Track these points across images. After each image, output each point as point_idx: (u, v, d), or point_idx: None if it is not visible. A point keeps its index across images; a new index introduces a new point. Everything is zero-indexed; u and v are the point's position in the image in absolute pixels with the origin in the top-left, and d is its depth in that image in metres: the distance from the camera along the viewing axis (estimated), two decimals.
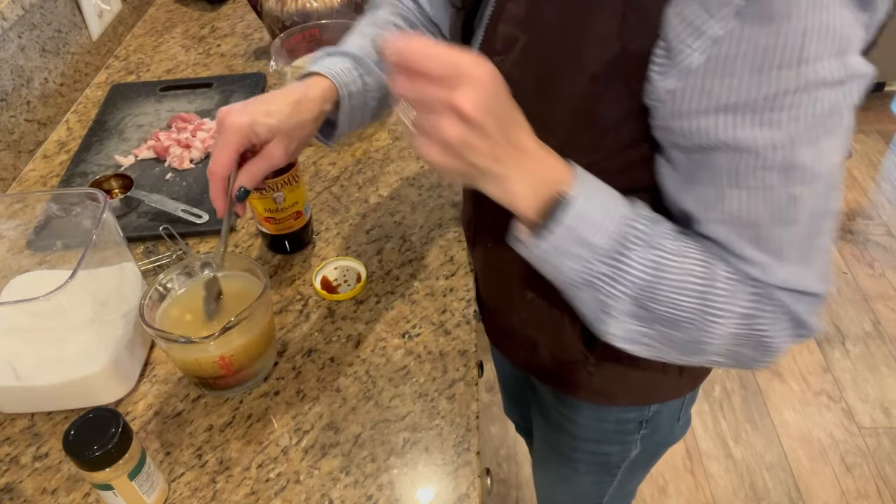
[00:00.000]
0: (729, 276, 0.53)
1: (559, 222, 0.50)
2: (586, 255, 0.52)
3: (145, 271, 0.88)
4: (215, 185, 0.66)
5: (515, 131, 0.50)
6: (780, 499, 1.70)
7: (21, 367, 0.71)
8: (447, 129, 0.46)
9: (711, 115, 0.49)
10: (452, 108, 0.45)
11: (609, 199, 0.53)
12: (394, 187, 1.01)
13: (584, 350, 0.75)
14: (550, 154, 0.52)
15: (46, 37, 1.16)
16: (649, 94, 0.52)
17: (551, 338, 0.77)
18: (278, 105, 0.66)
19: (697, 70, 0.48)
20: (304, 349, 0.80)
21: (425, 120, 0.47)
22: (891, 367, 1.98)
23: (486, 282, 0.85)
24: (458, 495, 0.67)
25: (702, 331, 0.54)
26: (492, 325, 0.91)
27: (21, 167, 1.09)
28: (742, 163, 0.49)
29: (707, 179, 0.52)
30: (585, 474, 0.97)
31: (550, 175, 0.51)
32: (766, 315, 0.53)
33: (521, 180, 0.50)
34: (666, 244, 0.52)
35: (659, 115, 0.52)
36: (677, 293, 0.52)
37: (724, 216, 0.52)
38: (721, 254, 0.54)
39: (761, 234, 0.52)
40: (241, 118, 0.64)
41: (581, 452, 0.93)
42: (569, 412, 0.89)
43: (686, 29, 0.47)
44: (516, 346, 0.86)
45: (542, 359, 0.82)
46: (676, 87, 0.49)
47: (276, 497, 0.67)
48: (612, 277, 0.52)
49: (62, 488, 0.68)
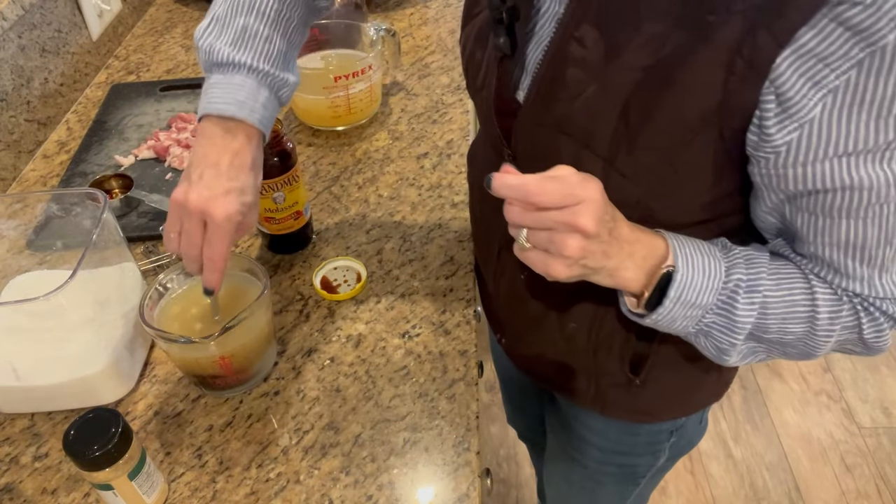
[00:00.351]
0: (831, 297, 0.56)
1: (668, 296, 0.55)
2: (697, 314, 0.57)
3: (145, 271, 0.88)
4: (216, 274, 0.66)
5: (618, 227, 0.54)
6: (780, 499, 1.70)
7: (21, 367, 0.71)
8: (571, 246, 0.50)
9: (829, 162, 0.49)
10: (575, 228, 0.50)
11: (706, 258, 0.56)
12: (394, 187, 1.01)
13: (628, 374, 0.74)
14: (645, 233, 0.56)
15: (46, 37, 1.16)
16: (760, 146, 0.51)
17: (592, 363, 0.75)
18: (244, 179, 0.64)
19: (814, 119, 0.48)
20: (304, 349, 0.80)
21: (546, 240, 0.52)
22: (891, 367, 1.98)
23: (514, 310, 0.80)
24: (458, 495, 0.67)
25: (811, 346, 0.58)
26: (514, 348, 0.86)
27: (21, 167, 1.09)
28: (857, 199, 0.50)
29: (817, 213, 0.53)
30: (610, 485, 0.95)
31: (652, 254, 0.56)
32: (870, 324, 0.56)
33: (629, 267, 0.55)
34: (766, 283, 0.56)
35: (771, 164, 0.52)
36: (785, 323, 0.57)
37: (833, 241, 0.54)
38: (821, 271, 0.56)
39: (868, 253, 0.53)
40: (229, 208, 0.63)
41: (609, 465, 0.91)
42: (599, 426, 0.86)
43: (802, 81, 0.47)
44: (547, 369, 0.81)
45: (579, 382, 0.79)
46: (793, 137, 0.49)
47: (276, 497, 0.67)
48: (723, 326, 0.57)
49: (62, 488, 0.68)
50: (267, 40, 0.67)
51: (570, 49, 0.55)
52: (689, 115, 0.51)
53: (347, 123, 1.11)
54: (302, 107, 1.11)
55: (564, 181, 0.50)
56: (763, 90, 0.48)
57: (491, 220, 0.76)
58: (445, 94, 1.20)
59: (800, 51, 0.46)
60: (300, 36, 0.74)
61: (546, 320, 0.74)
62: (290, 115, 1.16)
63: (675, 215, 0.59)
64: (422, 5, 1.46)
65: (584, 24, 0.54)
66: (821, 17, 0.44)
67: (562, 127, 0.58)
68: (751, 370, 1.98)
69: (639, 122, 0.53)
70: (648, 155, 0.55)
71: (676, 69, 0.50)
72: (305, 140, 1.11)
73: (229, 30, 0.67)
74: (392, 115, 1.16)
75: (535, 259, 0.53)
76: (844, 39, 0.44)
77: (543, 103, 0.58)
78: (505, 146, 0.65)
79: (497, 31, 0.60)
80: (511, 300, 0.79)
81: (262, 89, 0.67)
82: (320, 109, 1.08)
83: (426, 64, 1.28)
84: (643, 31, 0.51)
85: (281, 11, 0.69)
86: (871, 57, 0.44)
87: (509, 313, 0.82)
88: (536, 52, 0.60)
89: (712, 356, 0.61)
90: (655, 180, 0.56)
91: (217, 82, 0.66)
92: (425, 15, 1.43)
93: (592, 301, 0.69)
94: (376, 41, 1.11)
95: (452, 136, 1.10)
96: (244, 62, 0.66)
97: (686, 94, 0.51)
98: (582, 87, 0.55)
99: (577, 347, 0.74)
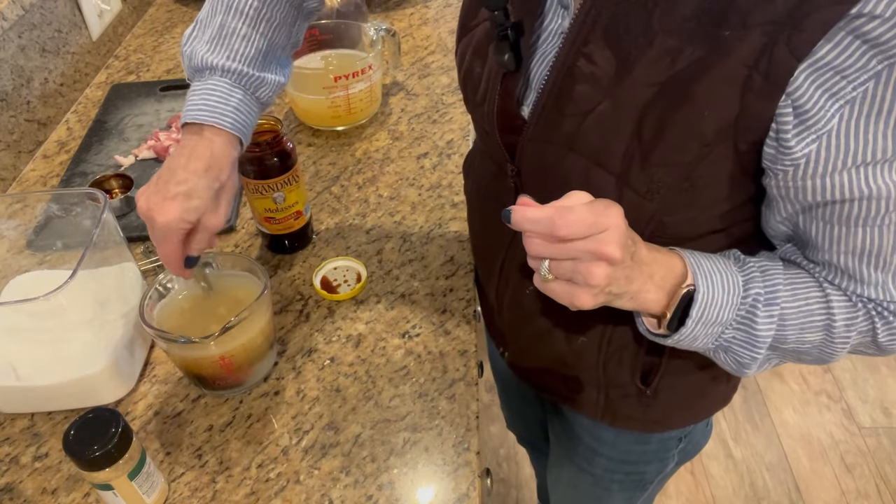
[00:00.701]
0: (846, 304, 0.56)
1: (691, 316, 0.55)
2: (717, 331, 0.57)
3: (145, 271, 0.88)
4: (174, 271, 0.68)
5: (638, 250, 0.53)
6: (780, 499, 1.70)
7: (21, 367, 0.71)
8: (597, 275, 0.50)
9: (847, 172, 0.49)
10: (601, 257, 0.49)
11: (723, 274, 0.56)
12: (394, 187, 1.01)
13: (639, 385, 0.73)
14: (662, 253, 0.56)
15: (46, 37, 1.16)
16: (778, 159, 0.50)
17: (602, 376, 0.74)
18: (194, 182, 0.63)
19: (831, 131, 0.48)
20: (304, 349, 0.80)
21: (571, 271, 0.51)
22: (891, 367, 1.97)
23: (519, 325, 0.78)
24: (458, 495, 0.67)
25: (828, 353, 0.58)
26: (519, 362, 0.85)
27: (21, 167, 1.09)
28: (874, 208, 0.50)
29: (833, 222, 0.53)
30: (618, 493, 0.94)
31: (671, 273, 0.56)
32: (884, 328, 0.56)
33: (651, 289, 0.55)
34: (783, 294, 0.56)
35: (790, 176, 0.51)
36: (803, 332, 0.57)
37: (849, 249, 0.54)
38: (835, 278, 0.56)
39: (883, 259, 0.53)
40: (168, 215, 0.62)
41: (618, 473, 0.90)
42: (608, 437, 0.85)
43: (820, 93, 0.46)
44: (554, 382, 0.80)
45: (588, 394, 0.78)
46: (811, 149, 0.49)
47: (276, 497, 0.67)
48: (744, 341, 0.57)
49: (62, 488, 0.68)
50: (244, 39, 0.68)
51: (579, 65, 0.54)
52: (704, 131, 0.50)
53: (347, 123, 1.11)
54: (302, 107, 1.11)
55: (588, 210, 0.49)
56: (780, 104, 0.47)
57: (492, 234, 0.75)
58: (445, 94, 1.20)
59: (817, 64, 0.45)
60: (284, 37, 0.73)
61: (554, 335, 0.73)
62: (290, 115, 1.16)
63: (687, 228, 0.59)
64: (422, 5, 1.46)
65: (592, 39, 0.53)
66: (838, 30, 0.44)
67: (571, 144, 0.56)
68: None
69: (652, 138, 0.52)
70: (663, 171, 0.54)
71: (691, 85, 0.49)
72: (305, 140, 1.11)
73: (208, 30, 0.68)
74: (392, 115, 1.16)
75: (560, 290, 0.52)
76: (862, 52, 0.44)
77: (550, 120, 0.57)
78: (509, 161, 0.64)
79: (500, 48, 0.58)
80: (516, 315, 0.77)
81: (235, 91, 0.67)
82: (320, 109, 1.08)
83: (426, 64, 1.28)
84: (656, 47, 0.50)
85: (261, 10, 0.69)
86: (890, 68, 0.44)
87: (513, 327, 0.80)
88: (541, 67, 0.58)
89: (733, 370, 0.61)
90: (670, 196, 0.55)
91: (195, 89, 0.68)
92: (425, 15, 1.43)
93: (602, 315, 0.67)
94: (376, 41, 1.11)
95: (452, 136, 1.10)
96: (217, 64, 0.67)
97: (701, 110, 0.50)
98: (592, 103, 0.54)
99: (587, 361, 0.73)
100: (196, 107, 0.66)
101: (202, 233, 0.66)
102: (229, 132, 0.66)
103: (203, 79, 0.68)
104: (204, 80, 0.68)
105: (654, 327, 0.60)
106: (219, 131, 0.66)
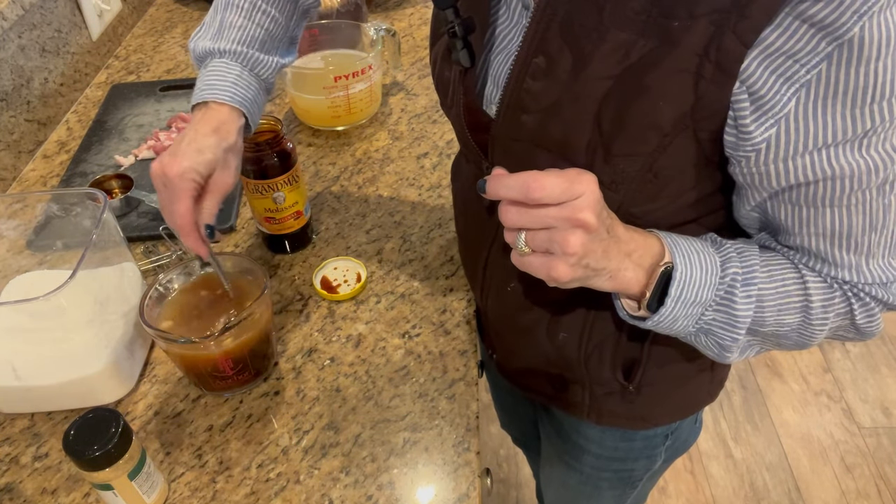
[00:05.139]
0: (822, 285, 0.56)
1: (670, 294, 0.55)
2: (696, 311, 0.57)
3: (145, 271, 0.88)
4: (190, 236, 0.67)
5: (614, 225, 0.53)
6: (780, 499, 1.70)
7: (21, 367, 0.71)
8: (573, 242, 0.50)
9: (808, 155, 0.49)
10: (577, 223, 0.49)
11: (701, 253, 0.56)
12: (394, 187, 1.01)
13: (622, 381, 0.74)
14: (639, 233, 0.56)
15: (46, 37, 1.16)
16: (739, 146, 0.51)
17: (585, 373, 0.75)
18: (204, 139, 0.66)
19: (789, 114, 0.48)
20: (304, 349, 0.80)
21: (547, 240, 0.51)
22: (891, 367, 1.98)
23: (504, 324, 0.79)
24: (457, 495, 0.67)
25: (806, 336, 0.59)
26: (507, 363, 0.86)
27: (21, 167, 1.09)
28: (839, 188, 0.50)
29: (801, 204, 0.53)
30: (607, 490, 0.95)
31: (648, 252, 0.56)
32: (861, 309, 0.57)
33: (629, 267, 0.55)
34: (760, 275, 0.56)
35: (752, 162, 0.52)
36: (781, 314, 0.57)
37: (819, 231, 0.54)
38: (809, 261, 0.57)
39: (854, 241, 0.54)
40: (180, 166, 0.65)
41: (605, 471, 0.91)
42: (594, 435, 0.86)
43: (774, 78, 0.47)
44: (540, 382, 0.81)
45: (573, 394, 0.78)
46: (770, 133, 0.49)
47: (276, 497, 0.67)
48: (724, 322, 0.57)
49: (62, 488, 0.68)
50: (240, 28, 0.73)
51: (537, 61, 0.55)
52: (661, 121, 0.51)
53: (347, 123, 1.11)
54: (302, 107, 1.11)
55: (562, 176, 0.49)
56: (734, 91, 0.48)
57: (475, 235, 0.75)
58: None
59: (767, 50, 0.46)
60: (282, 30, 0.76)
61: (536, 331, 0.73)
62: (290, 115, 1.16)
63: (657, 219, 0.59)
64: (422, 5, 1.46)
65: (549, 36, 0.54)
66: (784, 15, 0.45)
67: (536, 140, 0.57)
68: (750, 370, 1.99)
69: (612, 130, 0.53)
70: (626, 162, 0.54)
71: (645, 76, 0.50)
72: (305, 140, 1.11)
73: (210, 28, 0.74)
74: (392, 115, 1.16)
75: (537, 263, 0.52)
76: (811, 35, 0.45)
77: (514, 117, 0.58)
78: (483, 159, 0.65)
79: (453, 45, 0.59)
80: (500, 314, 0.78)
81: (233, 66, 0.71)
82: (320, 109, 1.08)
83: (426, 64, 1.28)
84: (609, 41, 0.51)
85: (256, 3, 0.73)
86: (840, 49, 0.44)
87: (499, 328, 0.81)
88: (505, 66, 0.59)
89: (714, 355, 0.61)
90: (635, 187, 0.56)
91: (199, 77, 0.72)
92: (425, 15, 1.43)
93: (582, 308, 0.69)
94: (376, 41, 1.11)
95: (452, 135, 1.10)
96: (214, 49, 0.72)
97: (657, 101, 0.51)
98: (551, 98, 0.55)
99: (569, 358, 0.74)
100: (199, 89, 0.71)
101: (214, 194, 0.68)
102: (230, 105, 0.69)
103: (205, 66, 0.72)
104: (206, 67, 0.72)
105: (633, 310, 0.59)
106: (221, 105, 0.69)
